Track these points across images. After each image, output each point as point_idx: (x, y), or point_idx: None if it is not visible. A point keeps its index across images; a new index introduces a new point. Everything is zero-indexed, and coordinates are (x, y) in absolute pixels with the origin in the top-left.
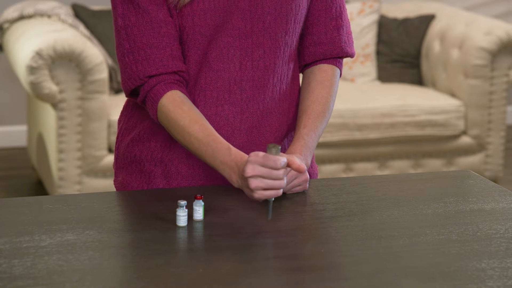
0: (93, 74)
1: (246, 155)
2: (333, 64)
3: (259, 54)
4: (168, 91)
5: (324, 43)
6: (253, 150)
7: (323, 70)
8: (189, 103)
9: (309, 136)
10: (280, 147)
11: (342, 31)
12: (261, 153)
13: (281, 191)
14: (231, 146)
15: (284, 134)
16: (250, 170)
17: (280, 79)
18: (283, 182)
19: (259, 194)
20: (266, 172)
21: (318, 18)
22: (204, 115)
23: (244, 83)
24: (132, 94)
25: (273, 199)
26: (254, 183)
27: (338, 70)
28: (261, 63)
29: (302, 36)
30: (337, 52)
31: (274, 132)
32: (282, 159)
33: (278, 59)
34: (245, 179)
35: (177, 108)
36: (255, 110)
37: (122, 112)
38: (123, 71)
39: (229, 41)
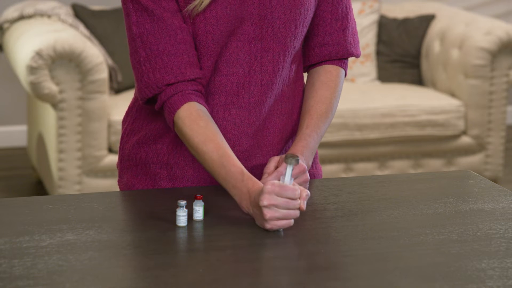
0: (93, 74)
1: (259, 182)
2: (338, 65)
3: (268, 59)
4: (185, 102)
5: (329, 44)
6: (258, 153)
7: (327, 71)
8: (206, 117)
9: (311, 137)
10: (298, 158)
11: (347, 32)
12: (277, 182)
13: (293, 222)
14: (244, 170)
15: (289, 135)
16: (266, 199)
17: (283, 81)
18: (298, 212)
19: (272, 225)
20: (283, 203)
21: (324, 19)
22: None
23: (252, 88)
24: (148, 101)
25: (282, 229)
26: (269, 213)
27: (343, 71)
28: (270, 67)
29: (307, 37)
30: (342, 53)
31: (278, 134)
32: (297, 189)
33: (286, 63)
34: (259, 208)
35: (193, 123)
36: (261, 113)
37: (127, 113)
38: (139, 79)
39: (238, 46)
